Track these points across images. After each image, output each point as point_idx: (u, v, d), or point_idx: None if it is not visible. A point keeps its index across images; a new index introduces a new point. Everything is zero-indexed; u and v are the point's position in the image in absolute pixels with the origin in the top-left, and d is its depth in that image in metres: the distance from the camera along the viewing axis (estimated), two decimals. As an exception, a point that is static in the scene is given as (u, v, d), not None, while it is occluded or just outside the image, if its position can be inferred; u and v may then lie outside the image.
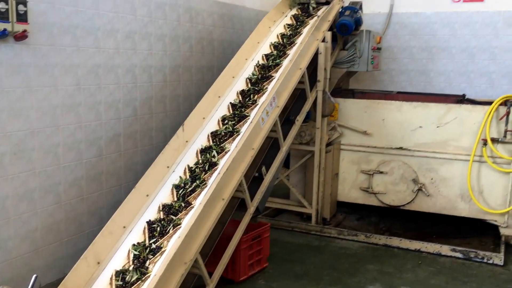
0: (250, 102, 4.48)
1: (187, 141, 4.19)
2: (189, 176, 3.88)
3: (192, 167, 3.94)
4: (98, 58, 4.21)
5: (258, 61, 4.97)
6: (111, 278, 3.24)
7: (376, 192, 5.57)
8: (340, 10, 5.71)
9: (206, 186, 3.75)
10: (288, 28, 5.44)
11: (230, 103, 4.52)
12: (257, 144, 4.10)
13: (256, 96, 4.53)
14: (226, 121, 4.32)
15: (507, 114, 4.92)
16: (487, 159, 5.03)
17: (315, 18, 5.47)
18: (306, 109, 5.08)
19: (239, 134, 4.16)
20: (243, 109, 4.42)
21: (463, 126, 5.17)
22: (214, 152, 4.00)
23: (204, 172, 3.86)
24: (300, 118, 4.96)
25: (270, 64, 4.92)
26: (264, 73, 4.82)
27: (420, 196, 5.41)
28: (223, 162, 3.91)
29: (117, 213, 3.56)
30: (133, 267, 3.25)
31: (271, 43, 5.21)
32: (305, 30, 5.31)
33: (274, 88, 4.45)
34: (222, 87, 4.64)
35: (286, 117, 4.98)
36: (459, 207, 5.27)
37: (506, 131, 4.95)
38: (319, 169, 5.40)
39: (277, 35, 5.33)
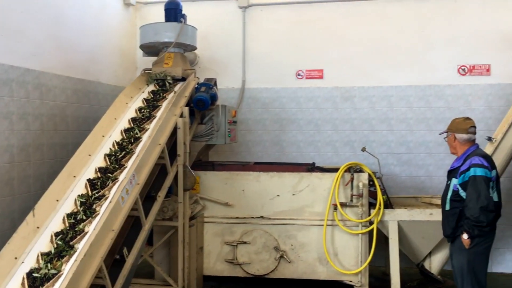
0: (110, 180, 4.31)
1: (38, 227, 3.85)
2: (43, 263, 3.52)
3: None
4: None
5: (116, 138, 4.86)
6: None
7: (241, 263, 5.63)
8: (196, 86, 5.91)
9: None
10: (145, 104, 5.45)
11: (88, 180, 4.30)
12: (118, 225, 3.91)
13: (115, 173, 4.39)
14: (83, 201, 4.08)
15: (351, 180, 5.42)
16: (338, 222, 5.44)
17: (172, 94, 5.58)
18: (167, 184, 5.04)
19: (98, 214, 3.94)
20: (102, 187, 4.23)
21: (315, 193, 5.55)
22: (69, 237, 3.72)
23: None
24: (162, 193, 4.91)
25: (129, 139, 4.84)
26: (123, 149, 4.72)
27: (283, 263, 5.59)
28: (81, 246, 3.65)
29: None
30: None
31: (130, 118, 5.15)
32: (163, 106, 5.36)
33: (134, 165, 4.37)
34: (78, 165, 4.42)
35: (148, 194, 4.89)
36: (318, 271, 5.55)
37: (352, 195, 5.42)
38: (183, 244, 5.32)
39: (135, 111, 5.30)
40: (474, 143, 4.33)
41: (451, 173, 4.32)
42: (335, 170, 5.61)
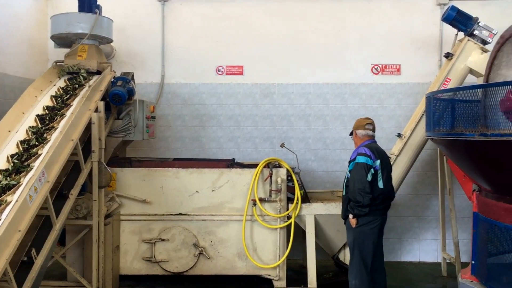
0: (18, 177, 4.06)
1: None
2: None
3: None
4: None
5: (24, 131, 4.58)
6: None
7: (159, 261, 5.54)
8: (112, 80, 5.71)
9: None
10: (57, 97, 5.18)
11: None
12: (25, 225, 3.69)
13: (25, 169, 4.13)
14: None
15: (270, 175, 5.50)
16: (257, 218, 5.49)
17: (86, 87, 5.35)
18: (81, 182, 4.85)
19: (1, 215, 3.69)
20: (8, 185, 3.96)
21: (235, 189, 5.57)
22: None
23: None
24: (75, 191, 4.70)
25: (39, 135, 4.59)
26: (32, 144, 4.46)
27: (202, 260, 5.56)
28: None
29: None
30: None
31: (39, 113, 4.88)
32: (76, 100, 5.13)
33: (44, 162, 4.13)
34: (-20, 163, 4.12)
35: (59, 191, 4.66)
36: (237, 266, 5.58)
37: (270, 190, 5.50)
38: (98, 244, 5.13)
39: (45, 106, 5.02)
40: (371, 138, 4.90)
41: (349, 164, 4.86)
42: (254, 166, 5.66)
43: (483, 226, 4.54)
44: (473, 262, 4.68)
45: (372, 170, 4.63)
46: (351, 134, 5.05)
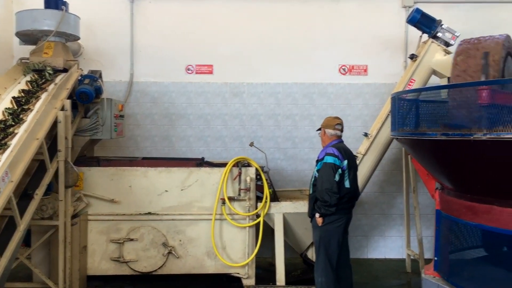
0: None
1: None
2: None
3: None
4: None
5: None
6: None
7: (128, 261, 5.50)
8: (79, 78, 5.65)
9: None
10: (22, 95, 5.09)
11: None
12: (-13, 226, 3.64)
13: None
14: None
15: (239, 174, 5.52)
16: (227, 216, 5.52)
17: (52, 85, 5.27)
18: (46, 181, 4.77)
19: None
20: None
21: (204, 188, 5.58)
22: None
23: None
24: (40, 191, 4.62)
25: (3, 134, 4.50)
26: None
27: (171, 259, 5.55)
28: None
29: None
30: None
31: (3, 110, 4.78)
32: (42, 98, 5.05)
33: (7, 161, 4.06)
34: None
35: (24, 192, 4.59)
36: (206, 265, 5.59)
37: (240, 189, 5.53)
38: (64, 244, 5.06)
39: (10, 102, 4.93)
40: (338, 138, 5.00)
41: (317, 163, 4.91)
42: (223, 165, 5.67)
43: (445, 223, 4.68)
44: (435, 258, 4.81)
45: (339, 170, 4.71)
46: (318, 129, 5.10)
